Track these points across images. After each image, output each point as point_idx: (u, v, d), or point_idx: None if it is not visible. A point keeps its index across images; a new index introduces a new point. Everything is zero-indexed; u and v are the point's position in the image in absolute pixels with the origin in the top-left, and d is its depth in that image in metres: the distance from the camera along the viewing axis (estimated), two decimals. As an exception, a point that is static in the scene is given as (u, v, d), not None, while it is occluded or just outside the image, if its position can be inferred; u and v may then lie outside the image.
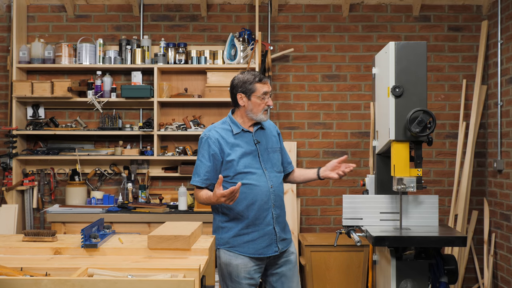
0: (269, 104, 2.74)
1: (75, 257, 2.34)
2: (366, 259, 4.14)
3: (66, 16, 4.72)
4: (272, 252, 2.70)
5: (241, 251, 2.67)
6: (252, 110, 2.73)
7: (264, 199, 2.68)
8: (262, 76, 2.76)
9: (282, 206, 2.78)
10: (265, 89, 2.72)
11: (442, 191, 4.65)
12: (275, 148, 2.83)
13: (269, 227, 2.69)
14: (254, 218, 2.67)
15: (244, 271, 2.66)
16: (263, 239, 2.68)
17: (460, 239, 2.79)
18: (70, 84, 4.40)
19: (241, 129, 2.75)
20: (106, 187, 4.68)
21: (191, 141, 4.64)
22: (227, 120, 2.81)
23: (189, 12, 4.72)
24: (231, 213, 2.69)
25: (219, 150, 2.69)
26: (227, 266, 2.69)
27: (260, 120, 2.75)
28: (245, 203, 2.67)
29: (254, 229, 2.68)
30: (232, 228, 2.69)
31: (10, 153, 4.44)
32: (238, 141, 2.72)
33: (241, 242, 2.67)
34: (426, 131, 2.71)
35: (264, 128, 2.83)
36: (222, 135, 2.72)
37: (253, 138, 2.76)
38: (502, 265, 4.29)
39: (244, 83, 2.74)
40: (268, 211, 2.69)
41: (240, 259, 2.67)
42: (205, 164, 2.69)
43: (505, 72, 4.29)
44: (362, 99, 4.71)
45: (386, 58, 2.89)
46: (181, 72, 4.67)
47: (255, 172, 2.69)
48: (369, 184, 3.24)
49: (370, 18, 4.71)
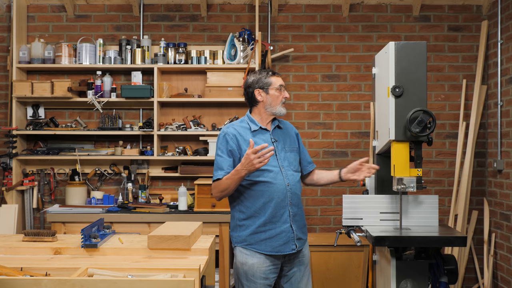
0: (286, 96, 2.80)
1: (75, 257, 2.35)
2: (366, 259, 4.14)
3: (66, 16, 4.72)
4: (289, 250, 2.71)
5: (258, 249, 2.69)
6: (271, 104, 2.78)
7: (281, 196, 2.70)
8: (273, 71, 2.84)
9: (299, 204, 2.80)
10: (280, 81, 2.80)
11: (442, 191, 4.65)
12: (293, 148, 2.86)
13: (286, 224, 2.71)
14: (271, 216, 2.69)
15: (260, 270, 2.68)
16: (280, 237, 2.69)
17: (460, 239, 2.79)
18: (70, 84, 4.40)
19: (259, 127, 2.79)
20: (106, 187, 4.68)
21: (191, 141, 4.64)
22: (245, 119, 2.85)
23: (189, 12, 4.72)
24: (248, 211, 2.72)
25: (237, 146, 2.72)
26: (243, 265, 2.71)
27: (279, 113, 2.79)
28: (262, 200, 2.69)
29: (271, 226, 2.69)
30: (250, 226, 2.71)
31: (10, 153, 4.44)
32: (256, 138, 2.75)
33: (258, 240, 2.69)
34: (426, 131, 2.71)
35: (282, 128, 2.88)
36: (240, 132, 2.76)
37: (270, 136, 2.79)
38: (502, 265, 4.29)
39: (259, 79, 2.80)
40: (285, 208, 2.71)
41: (256, 258, 2.69)
42: (226, 159, 2.71)
43: (505, 72, 4.29)
44: (362, 99, 4.71)
45: (386, 58, 2.89)
46: (181, 72, 4.67)
47: (272, 170, 2.71)
48: (369, 184, 3.24)
49: (370, 18, 4.71)
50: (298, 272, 2.79)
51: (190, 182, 4.63)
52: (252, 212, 2.71)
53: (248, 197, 2.71)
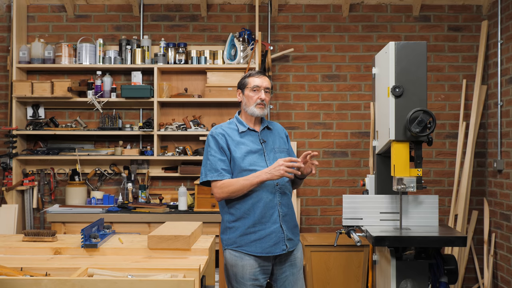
0: (262, 98, 2.73)
1: (75, 257, 2.35)
2: (366, 259, 4.14)
3: (66, 16, 4.72)
4: (280, 250, 2.68)
5: (249, 250, 2.66)
6: (246, 104, 2.77)
7: (270, 197, 2.68)
8: (256, 72, 2.81)
9: (289, 205, 2.77)
10: (256, 82, 2.75)
11: (442, 191, 4.65)
12: (282, 148, 2.84)
13: (276, 225, 2.68)
14: (261, 216, 2.67)
15: (249, 272, 2.66)
16: (270, 238, 2.67)
17: (460, 239, 2.79)
18: (70, 84, 4.40)
19: (247, 128, 2.77)
20: (106, 187, 4.68)
21: (191, 141, 4.64)
22: (233, 120, 2.84)
23: (189, 12, 4.72)
24: (237, 212, 2.69)
25: (226, 145, 2.71)
26: (233, 267, 2.69)
27: (253, 113, 2.74)
28: (251, 201, 2.67)
29: (261, 227, 2.67)
30: (239, 227, 2.68)
31: (10, 153, 4.44)
32: (244, 139, 2.74)
33: (248, 241, 2.66)
34: (426, 131, 2.71)
35: (271, 129, 2.86)
36: (228, 133, 2.75)
37: (259, 137, 2.77)
38: (502, 265, 4.29)
39: (241, 80, 2.83)
40: (274, 209, 2.69)
41: (246, 260, 2.66)
42: (219, 157, 2.68)
43: (505, 72, 4.29)
44: (362, 99, 4.71)
45: (386, 58, 2.89)
46: (181, 72, 4.67)
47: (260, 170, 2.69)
48: (369, 184, 3.24)
49: (370, 18, 4.71)
50: (291, 276, 2.75)
51: (190, 182, 4.63)
52: (241, 213, 2.68)
53: (237, 198, 2.68)
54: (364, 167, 4.68)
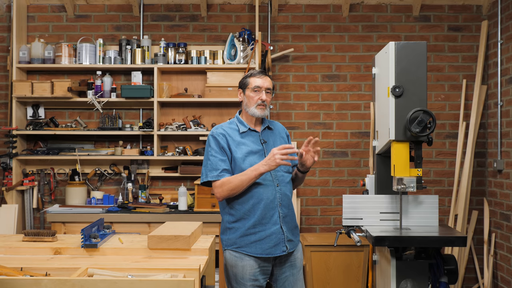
0: (262, 99, 2.72)
1: (75, 257, 2.35)
2: (366, 259, 4.14)
3: (66, 16, 4.72)
4: (280, 252, 2.67)
5: (249, 251, 2.65)
6: (247, 104, 2.75)
7: (270, 197, 2.67)
8: (257, 72, 2.78)
9: (290, 206, 2.76)
10: (257, 83, 2.73)
11: (442, 191, 4.65)
12: None
13: (276, 226, 2.67)
14: (261, 217, 2.65)
15: (249, 273, 2.65)
16: (270, 239, 2.66)
17: (460, 239, 2.79)
18: (70, 84, 4.40)
19: (248, 128, 2.75)
20: (106, 187, 4.68)
21: (191, 141, 4.64)
22: (234, 120, 2.82)
23: (189, 12, 4.72)
24: (237, 213, 2.68)
25: (227, 145, 2.69)
26: (233, 268, 2.68)
27: (253, 114, 2.73)
28: (251, 202, 2.66)
29: (261, 228, 2.65)
30: (239, 228, 2.67)
31: (10, 153, 4.44)
32: (244, 140, 2.72)
33: (248, 242, 2.66)
34: (426, 131, 2.71)
35: (272, 129, 2.84)
36: (229, 133, 2.73)
37: (259, 137, 2.77)
38: (502, 265, 4.29)
39: (242, 79, 2.81)
40: (274, 210, 2.68)
41: (246, 261, 2.66)
42: (219, 157, 2.67)
43: (505, 72, 4.29)
44: (362, 99, 4.71)
45: (386, 58, 2.89)
46: (181, 72, 4.67)
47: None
48: (369, 184, 3.24)
49: (370, 18, 4.71)
50: (291, 277, 2.75)
51: (190, 182, 4.63)
52: (241, 214, 2.67)
53: (237, 199, 2.67)
54: (364, 167, 4.68)
